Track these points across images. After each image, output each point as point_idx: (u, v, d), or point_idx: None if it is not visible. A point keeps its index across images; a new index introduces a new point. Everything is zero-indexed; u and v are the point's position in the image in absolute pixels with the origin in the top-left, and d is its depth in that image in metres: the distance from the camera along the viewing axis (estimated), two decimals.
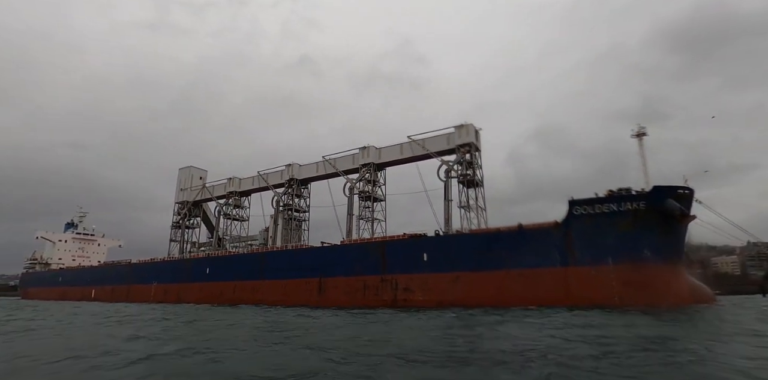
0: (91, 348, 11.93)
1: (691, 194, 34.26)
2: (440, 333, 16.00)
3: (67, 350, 11.70)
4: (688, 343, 12.25)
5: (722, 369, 8.27)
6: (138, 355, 10.59)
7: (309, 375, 8.21)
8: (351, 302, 40.19)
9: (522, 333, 15.29)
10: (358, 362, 9.52)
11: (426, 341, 13.88)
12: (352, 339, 14.19)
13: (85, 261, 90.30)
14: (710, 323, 20.36)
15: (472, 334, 15.94)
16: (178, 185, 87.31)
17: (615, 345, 12.04)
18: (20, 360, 10.33)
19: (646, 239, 32.72)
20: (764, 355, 10.28)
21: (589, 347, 11.60)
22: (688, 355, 9.99)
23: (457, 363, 9.44)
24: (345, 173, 63.06)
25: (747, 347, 11.73)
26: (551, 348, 11.47)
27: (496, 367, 8.98)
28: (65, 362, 9.94)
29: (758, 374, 7.78)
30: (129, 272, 69.31)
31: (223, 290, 52.07)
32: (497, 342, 13.25)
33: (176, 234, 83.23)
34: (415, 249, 39.25)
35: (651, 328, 17.54)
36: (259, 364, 9.53)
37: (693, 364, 8.96)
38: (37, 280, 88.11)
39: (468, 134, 53.40)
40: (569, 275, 32.83)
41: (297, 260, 47.40)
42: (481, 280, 34.89)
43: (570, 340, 12.95)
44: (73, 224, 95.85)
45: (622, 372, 8.27)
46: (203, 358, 10.25)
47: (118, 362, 9.73)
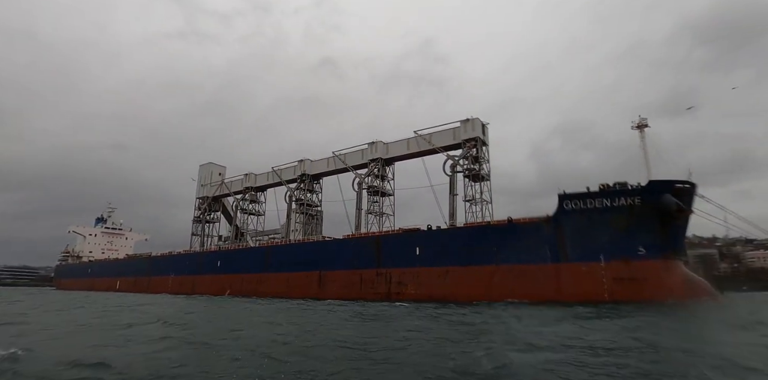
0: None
1: (691, 188, 33.36)
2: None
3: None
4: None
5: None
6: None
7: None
8: (348, 295, 41.36)
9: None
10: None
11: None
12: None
13: (113, 254, 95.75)
14: (669, 318, 20.19)
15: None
16: (198, 181, 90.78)
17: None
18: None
19: (641, 235, 32.24)
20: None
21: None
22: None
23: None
24: (354, 168, 64.07)
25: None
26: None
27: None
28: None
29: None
30: (149, 265, 73.20)
31: (232, 282, 54.40)
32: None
33: (197, 228, 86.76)
34: (408, 244, 39.92)
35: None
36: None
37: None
38: (69, 272, 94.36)
39: (474, 129, 53.28)
40: (560, 272, 32.75)
41: (299, 254, 48.98)
42: (469, 275, 35.26)
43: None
44: (103, 219, 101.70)
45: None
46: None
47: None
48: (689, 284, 32.24)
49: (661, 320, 18.91)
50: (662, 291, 30.62)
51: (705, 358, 9.23)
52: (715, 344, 11.79)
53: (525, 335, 12.92)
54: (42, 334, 14.51)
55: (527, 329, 15.02)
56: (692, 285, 32.34)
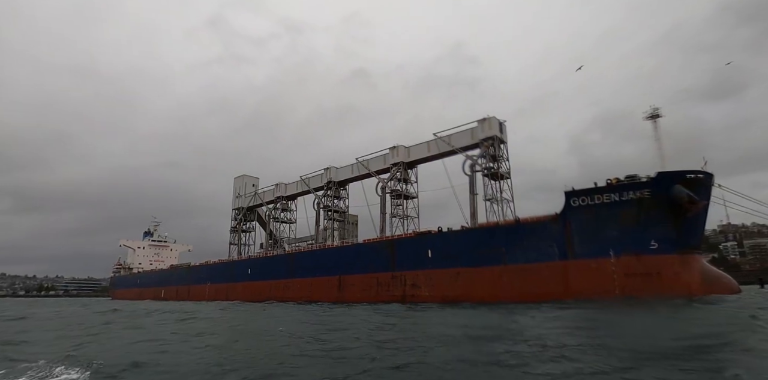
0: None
1: (705, 178, 32.37)
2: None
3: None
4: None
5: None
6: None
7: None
8: (366, 298, 42.90)
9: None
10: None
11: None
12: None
13: (159, 265, 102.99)
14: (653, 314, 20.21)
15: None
16: (234, 193, 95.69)
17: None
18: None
19: (653, 228, 31.65)
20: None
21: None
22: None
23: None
24: (377, 173, 65.69)
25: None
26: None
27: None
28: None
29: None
30: (188, 274, 78.23)
31: (261, 289, 57.49)
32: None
33: (234, 238, 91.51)
34: (421, 246, 40.94)
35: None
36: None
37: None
38: (122, 282, 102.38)
39: (491, 128, 53.58)
40: (568, 269, 32.71)
41: (320, 260, 51.13)
42: (479, 275, 35.82)
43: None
44: (150, 232, 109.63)
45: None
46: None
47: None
48: (708, 279, 31.25)
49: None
50: (678, 287, 30.01)
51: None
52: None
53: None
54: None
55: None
56: (712, 280, 31.32)
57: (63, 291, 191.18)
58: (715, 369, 7.66)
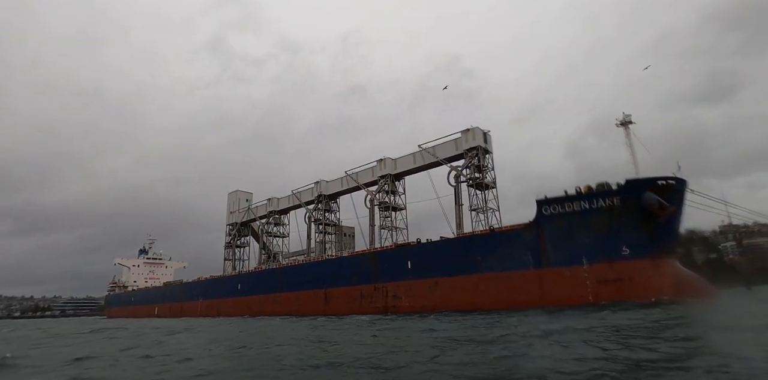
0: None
1: (677, 184, 33.22)
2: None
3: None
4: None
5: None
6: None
7: None
8: (351, 310, 43.51)
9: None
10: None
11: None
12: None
13: (155, 283, 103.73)
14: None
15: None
16: (228, 208, 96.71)
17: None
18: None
19: (625, 235, 32.47)
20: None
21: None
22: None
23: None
24: (366, 185, 66.69)
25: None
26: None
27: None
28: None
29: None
30: (181, 291, 78.97)
31: (251, 303, 58.13)
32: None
33: (229, 253, 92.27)
34: (401, 258, 41.77)
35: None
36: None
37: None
38: (117, 301, 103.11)
39: (475, 138, 54.63)
40: (543, 277, 33.40)
41: (307, 274, 51.94)
42: (457, 284, 36.55)
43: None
44: (145, 250, 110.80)
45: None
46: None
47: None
48: (680, 283, 31.85)
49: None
50: (650, 291, 30.64)
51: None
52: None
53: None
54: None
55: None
56: (684, 284, 31.91)
57: (59, 311, 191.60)
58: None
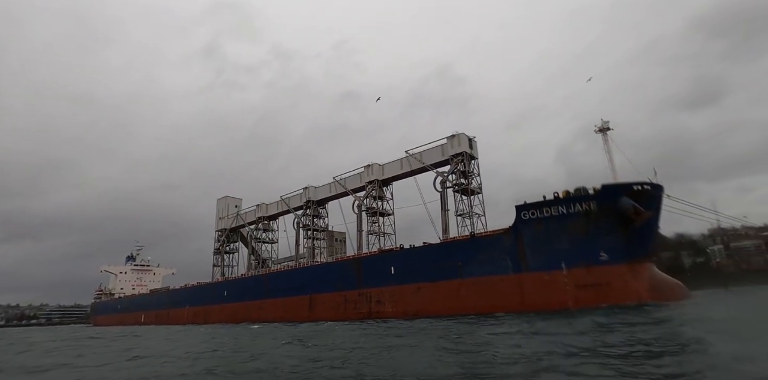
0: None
1: (653, 190, 33.99)
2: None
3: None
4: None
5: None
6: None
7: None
8: (335, 316, 43.82)
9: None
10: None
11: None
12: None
13: (142, 290, 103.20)
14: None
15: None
16: (217, 214, 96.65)
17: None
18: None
19: (602, 240, 33.11)
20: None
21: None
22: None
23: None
24: (354, 191, 67.12)
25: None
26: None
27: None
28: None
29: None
30: (168, 298, 78.78)
31: (237, 310, 58.19)
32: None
33: (218, 260, 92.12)
34: (385, 264, 42.23)
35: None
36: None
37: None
38: (103, 308, 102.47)
39: (461, 144, 55.34)
40: (522, 282, 33.96)
41: (292, 280, 52.24)
42: (439, 290, 37.05)
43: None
44: (132, 256, 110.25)
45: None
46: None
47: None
48: (656, 286, 32.55)
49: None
50: (627, 296, 31.28)
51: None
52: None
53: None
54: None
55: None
56: (660, 288, 32.63)
57: (45, 320, 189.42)
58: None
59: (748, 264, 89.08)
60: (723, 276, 70.10)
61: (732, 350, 10.52)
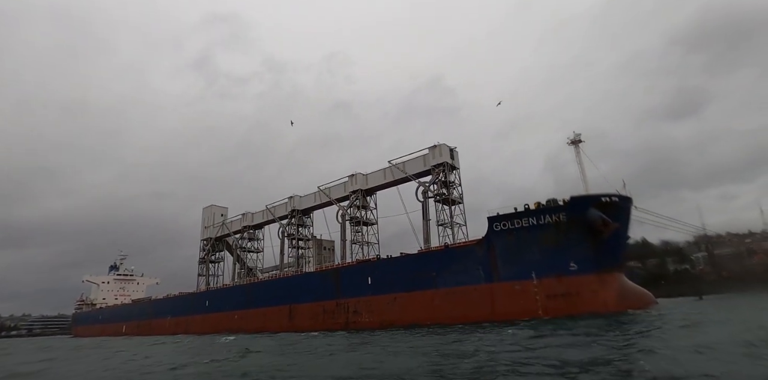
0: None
1: (621, 201, 35.21)
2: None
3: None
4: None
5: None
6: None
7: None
8: (314, 326, 44.38)
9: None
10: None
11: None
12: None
13: (126, 300, 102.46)
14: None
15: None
16: (202, 223, 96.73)
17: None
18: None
19: (572, 250, 34.16)
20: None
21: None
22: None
23: None
24: (338, 200, 67.90)
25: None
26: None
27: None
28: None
29: None
30: (150, 308, 78.64)
31: (219, 320, 58.44)
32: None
33: (203, 269, 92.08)
34: (362, 274, 43.03)
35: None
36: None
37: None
38: (84, 319, 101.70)
39: (442, 154, 56.47)
40: (494, 292, 34.89)
41: (273, 290, 52.74)
42: (414, 300, 37.88)
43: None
44: (116, 266, 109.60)
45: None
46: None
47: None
48: (624, 296, 33.64)
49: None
50: (595, 305, 32.32)
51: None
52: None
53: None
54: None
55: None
56: (627, 297, 33.73)
57: (27, 330, 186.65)
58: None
59: (728, 272, 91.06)
60: (699, 284, 71.57)
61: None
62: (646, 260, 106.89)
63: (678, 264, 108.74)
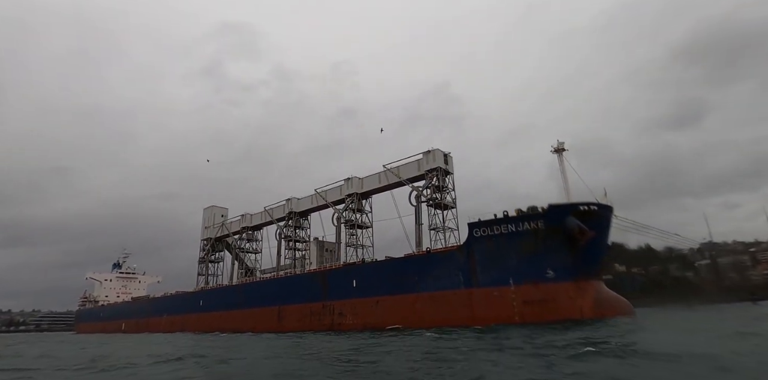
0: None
1: (600, 210, 35.84)
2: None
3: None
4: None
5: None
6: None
7: None
8: (301, 327, 45.53)
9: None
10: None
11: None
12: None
13: (127, 297, 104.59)
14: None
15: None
16: (203, 223, 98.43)
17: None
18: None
19: (550, 258, 34.88)
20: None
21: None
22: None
23: None
24: (334, 203, 69.04)
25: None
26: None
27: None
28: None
29: None
30: (147, 307, 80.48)
31: (212, 320, 59.90)
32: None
33: (202, 269, 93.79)
34: (348, 277, 44.10)
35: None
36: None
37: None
38: (86, 316, 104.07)
39: (435, 159, 57.29)
40: (473, 297, 35.71)
41: (264, 291, 53.94)
42: (396, 303, 38.86)
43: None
44: (119, 264, 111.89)
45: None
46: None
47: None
48: (600, 303, 34.26)
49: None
50: (571, 311, 33.02)
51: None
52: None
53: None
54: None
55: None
56: (604, 305, 34.34)
57: (34, 326, 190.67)
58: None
59: (728, 281, 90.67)
60: (695, 293, 71.45)
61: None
62: (649, 266, 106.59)
63: (681, 271, 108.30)
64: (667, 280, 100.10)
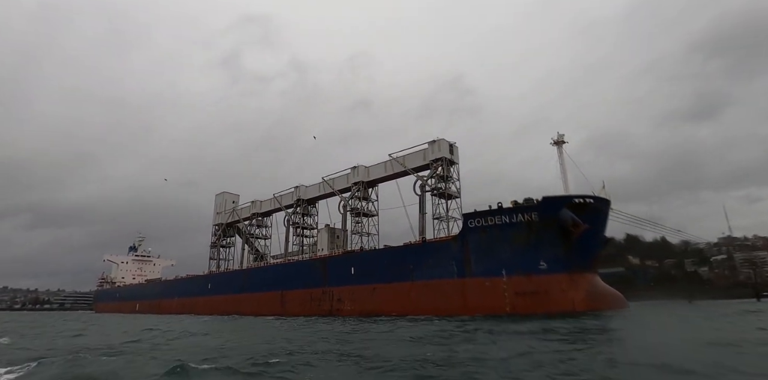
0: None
1: (597, 203, 35.93)
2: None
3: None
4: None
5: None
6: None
7: None
8: (302, 312, 47.01)
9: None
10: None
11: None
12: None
13: (142, 279, 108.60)
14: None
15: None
16: (215, 209, 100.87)
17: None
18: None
19: (543, 250, 35.25)
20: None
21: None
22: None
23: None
24: (341, 191, 70.02)
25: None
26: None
27: None
28: None
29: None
30: (160, 289, 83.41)
31: (219, 303, 62.06)
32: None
33: (214, 253, 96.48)
34: (347, 264, 45.18)
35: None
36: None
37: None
38: (104, 296, 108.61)
39: (440, 149, 57.56)
40: (466, 286, 36.39)
41: (268, 276, 55.59)
42: (392, 291, 39.83)
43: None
44: (134, 247, 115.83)
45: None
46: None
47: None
48: (593, 296, 34.59)
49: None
50: (563, 304, 33.45)
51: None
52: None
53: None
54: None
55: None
56: (597, 297, 34.67)
57: (58, 305, 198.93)
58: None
59: (743, 277, 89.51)
60: (693, 287, 70.86)
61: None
62: (664, 260, 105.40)
63: (697, 266, 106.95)
64: (680, 274, 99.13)
